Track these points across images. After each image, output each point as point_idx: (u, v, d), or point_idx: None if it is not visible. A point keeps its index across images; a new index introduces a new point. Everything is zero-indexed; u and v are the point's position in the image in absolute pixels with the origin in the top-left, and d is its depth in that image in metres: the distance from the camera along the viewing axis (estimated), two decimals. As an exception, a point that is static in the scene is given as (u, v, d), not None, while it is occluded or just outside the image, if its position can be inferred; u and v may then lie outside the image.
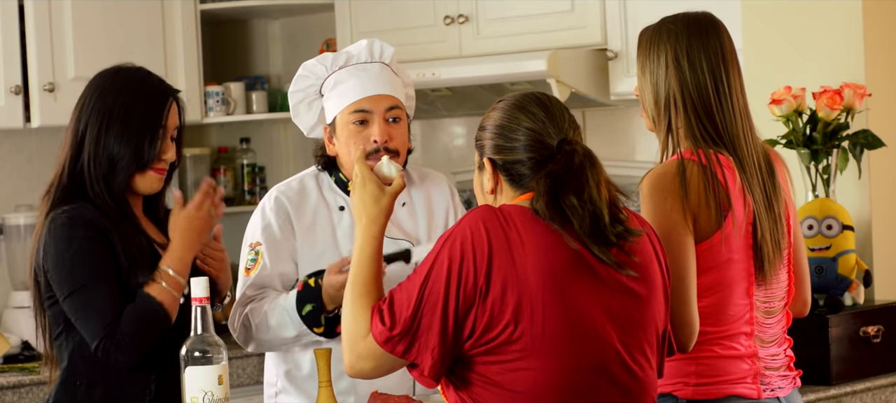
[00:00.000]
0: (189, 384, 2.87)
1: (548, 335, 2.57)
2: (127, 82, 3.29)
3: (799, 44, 4.27)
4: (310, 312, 3.38)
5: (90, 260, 3.20)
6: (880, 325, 4.04)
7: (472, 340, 2.58)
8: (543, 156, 2.67)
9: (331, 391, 3.18)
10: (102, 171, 3.25)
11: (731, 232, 2.97)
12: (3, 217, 5.20)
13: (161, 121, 3.28)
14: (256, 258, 3.49)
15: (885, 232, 4.27)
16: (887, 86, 4.27)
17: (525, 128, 2.69)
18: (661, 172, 2.99)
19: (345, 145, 3.48)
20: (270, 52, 6.05)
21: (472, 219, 2.60)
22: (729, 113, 3.03)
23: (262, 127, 6.01)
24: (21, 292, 5.12)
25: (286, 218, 3.51)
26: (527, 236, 2.59)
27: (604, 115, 5.08)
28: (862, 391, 3.96)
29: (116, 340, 3.17)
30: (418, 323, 2.59)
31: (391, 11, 5.17)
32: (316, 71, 3.52)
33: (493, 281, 2.56)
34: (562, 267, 2.59)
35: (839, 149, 4.11)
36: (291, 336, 3.42)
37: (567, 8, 4.74)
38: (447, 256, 2.58)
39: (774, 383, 3.06)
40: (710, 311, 2.99)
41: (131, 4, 5.21)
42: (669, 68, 3.04)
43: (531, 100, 2.73)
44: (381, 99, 3.47)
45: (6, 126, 5.03)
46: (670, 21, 3.08)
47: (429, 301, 2.58)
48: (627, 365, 2.64)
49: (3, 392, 4.62)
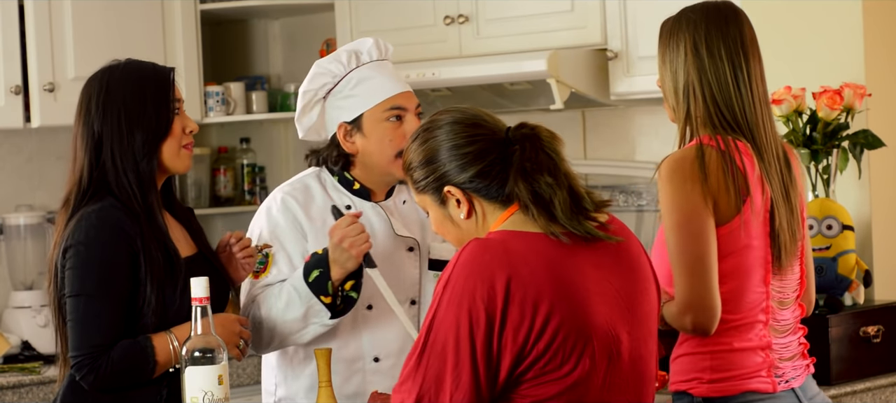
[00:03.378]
0: (189, 384, 2.87)
1: (569, 344, 2.50)
2: (126, 73, 3.29)
3: (799, 44, 4.27)
4: (317, 278, 3.34)
5: (105, 270, 3.17)
6: (880, 325, 4.04)
7: (509, 375, 2.50)
8: (501, 152, 2.58)
9: (331, 391, 3.18)
10: (131, 162, 3.23)
11: (749, 217, 2.98)
12: (3, 217, 5.20)
13: (170, 96, 3.28)
14: (266, 262, 3.45)
15: (885, 232, 4.27)
16: (887, 86, 4.27)
17: (450, 142, 2.60)
18: (680, 157, 3.00)
19: (378, 141, 3.46)
20: (270, 52, 6.05)
21: (473, 269, 2.49)
22: (748, 101, 3.04)
23: (262, 127, 6.01)
24: (21, 292, 5.12)
25: (295, 219, 3.47)
26: (527, 252, 2.52)
27: (604, 115, 5.08)
28: (862, 391, 3.96)
29: (96, 365, 3.14)
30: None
31: (391, 11, 5.17)
32: (332, 69, 3.49)
33: (523, 320, 2.47)
34: (564, 269, 2.53)
35: (839, 149, 4.11)
36: (299, 315, 3.36)
37: (567, 8, 4.74)
38: (458, 321, 2.47)
39: (788, 373, 3.07)
40: (729, 297, 3.00)
41: (131, 4, 5.21)
42: (688, 56, 3.05)
43: (438, 116, 2.64)
44: (411, 96, 3.50)
45: (6, 126, 5.03)
46: (690, 10, 3.10)
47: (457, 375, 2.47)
48: (635, 360, 2.61)
49: (3, 392, 4.62)
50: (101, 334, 3.15)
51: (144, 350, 3.15)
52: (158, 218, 3.24)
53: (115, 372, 3.15)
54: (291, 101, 5.68)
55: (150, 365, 3.16)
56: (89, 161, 3.25)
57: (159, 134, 3.25)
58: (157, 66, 3.32)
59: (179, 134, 3.28)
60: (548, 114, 4.94)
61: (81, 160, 3.26)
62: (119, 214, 3.19)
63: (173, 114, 3.27)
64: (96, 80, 3.29)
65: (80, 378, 3.17)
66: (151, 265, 3.18)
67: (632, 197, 5.01)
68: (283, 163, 5.99)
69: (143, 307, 3.18)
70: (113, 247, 3.17)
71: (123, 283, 3.17)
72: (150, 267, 3.18)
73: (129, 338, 3.17)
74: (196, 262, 3.31)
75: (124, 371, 3.16)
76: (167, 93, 3.27)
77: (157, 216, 3.24)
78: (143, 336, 3.18)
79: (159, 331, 3.18)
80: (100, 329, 3.16)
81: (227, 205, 5.77)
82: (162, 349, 3.17)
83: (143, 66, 3.32)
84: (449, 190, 2.62)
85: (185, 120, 3.30)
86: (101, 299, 3.16)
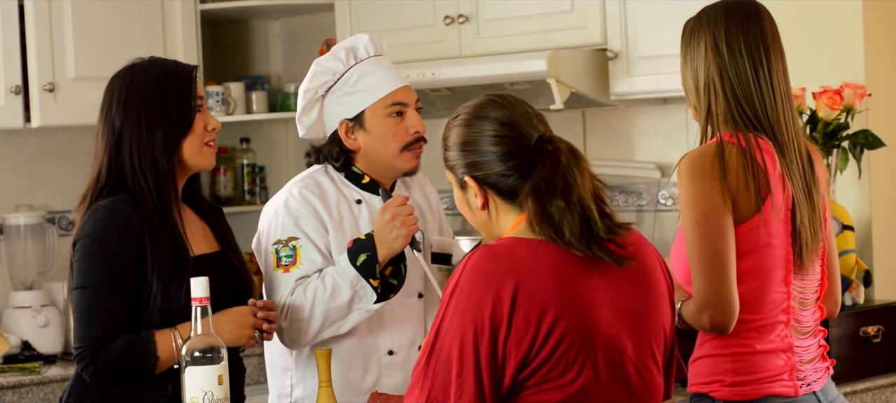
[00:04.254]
0: (189, 384, 2.87)
1: (573, 351, 2.50)
2: (149, 71, 3.30)
3: (799, 44, 4.27)
4: (364, 261, 3.35)
5: (110, 263, 3.18)
6: (880, 325, 4.04)
7: (512, 381, 2.51)
8: (524, 160, 2.58)
9: (331, 391, 3.18)
10: (150, 159, 3.24)
11: (770, 215, 2.97)
12: (3, 217, 5.20)
13: (192, 93, 3.28)
14: (294, 253, 3.43)
15: (885, 232, 4.27)
16: (887, 86, 4.27)
17: (491, 137, 2.60)
18: (700, 154, 2.99)
19: (382, 137, 3.48)
20: (270, 52, 6.05)
21: (480, 277, 2.49)
22: (769, 97, 3.03)
23: (262, 127, 6.01)
24: (21, 292, 5.12)
25: (315, 212, 3.47)
26: (536, 260, 2.51)
27: (604, 115, 5.08)
28: (862, 391, 3.96)
29: (96, 357, 3.15)
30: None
31: (391, 11, 5.17)
32: (332, 66, 3.51)
33: (527, 328, 2.47)
34: (572, 279, 2.52)
35: (839, 149, 4.11)
36: (346, 301, 3.36)
37: (567, 8, 4.74)
38: (463, 330, 2.48)
39: (809, 376, 3.06)
40: (750, 297, 2.99)
41: (131, 4, 5.21)
42: (708, 53, 3.04)
43: (489, 104, 2.64)
44: (410, 91, 3.53)
45: (6, 126, 5.03)
46: (711, 8, 3.09)
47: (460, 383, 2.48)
48: (639, 371, 2.60)
49: (3, 392, 4.62)
50: (104, 326, 3.16)
51: (146, 345, 3.16)
52: (173, 215, 3.25)
53: (113, 366, 3.16)
54: (291, 101, 5.68)
55: (151, 361, 3.16)
56: (109, 157, 3.26)
57: (180, 131, 3.26)
58: (179, 64, 3.34)
59: (201, 131, 3.30)
60: (548, 115, 4.92)
61: (101, 156, 3.28)
62: (128, 209, 3.20)
63: (195, 111, 3.28)
64: (119, 78, 3.31)
65: (80, 369, 3.19)
66: (158, 261, 3.19)
67: (632, 197, 5.01)
68: (283, 163, 5.99)
69: (147, 302, 3.19)
70: (119, 242, 3.18)
71: (129, 278, 3.18)
72: (157, 263, 3.18)
73: (132, 333, 3.18)
74: (216, 260, 3.33)
75: (124, 366, 3.16)
76: (189, 90, 3.28)
77: (172, 213, 3.25)
78: (145, 331, 3.18)
79: (164, 328, 3.19)
80: (102, 321, 3.16)
81: (228, 205, 5.76)
82: (164, 345, 3.17)
83: (165, 64, 3.34)
84: (468, 179, 2.63)
85: (207, 117, 3.32)
86: (105, 292, 3.17)
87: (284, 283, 3.42)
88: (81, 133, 5.36)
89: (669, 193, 4.90)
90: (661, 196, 4.92)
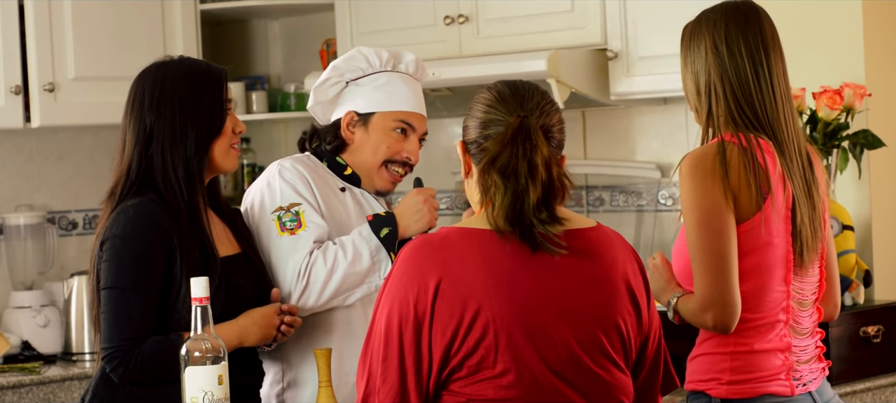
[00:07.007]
0: (189, 384, 2.87)
1: (501, 342, 2.55)
2: (182, 69, 3.32)
3: (799, 44, 4.27)
4: (387, 235, 3.43)
5: (140, 264, 3.18)
6: (880, 325, 4.04)
7: (440, 371, 2.58)
8: (497, 133, 2.64)
9: (331, 391, 3.18)
10: (181, 158, 3.24)
11: (770, 214, 2.99)
12: (3, 217, 5.21)
13: (224, 95, 3.31)
14: (298, 217, 3.46)
15: (885, 232, 4.27)
16: (887, 86, 4.27)
17: (483, 105, 2.68)
18: (701, 153, 3.01)
19: (375, 143, 3.54)
20: (270, 52, 6.05)
21: (407, 268, 2.59)
22: (769, 98, 3.04)
23: (262, 127, 6.01)
24: (21, 292, 5.12)
25: (308, 183, 3.51)
26: (467, 250, 2.58)
27: (604, 115, 5.08)
28: (862, 391, 3.96)
29: (127, 358, 3.16)
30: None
31: (391, 11, 5.17)
32: (370, 59, 3.57)
33: (450, 315, 2.55)
34: (504, 270, 2.57)
35: (839, 149, 4.11)
36: (365, 269, 3.41)
37: (567, 8, 4.74)
38: (389, 318, 2.58)
39: (805, 376, 3.07)
40: (750, 296, 3.00)
41: (131, 4, 5.21)
42: (708, 55, 3.05)
43: (504, 83, 2.71)
44: (423, 120, 3.61)
45: (6, 126, 5.03)
46: (710, 10, 3.11)
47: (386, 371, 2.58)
48: (586, 367, 2.62)
49: (3, 392, 4.62)
50: (134, 327, 3.17)
51: (176, 346, 3.15)
52: (201, 216, 3.27)
53: (144, 367, 3.17)
54: (291, 101, 5.68)
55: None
56: (138, 154, 3.27)
57: (212, 132, 3.28)
58: (211, 66, 3.36)
59: (230, 133, 3.33)
60: (548, 114, 4.94)
61: (130, 153, 3.28)
62: (157, 209, 3.21)
63: (226, 113, 3.29)
64: (150, 75, 3.31)
65: (110, 370, 3.19)
66: (187, 262, 3.19)
67: (632, 197, 5.01)
68: (283, 163, 5.99)
69: (176, 303, 3.20)
70: (149, 242, 3.19)
71: (158, 278, 3.19)
72: (186, 264, 3.19)
73: (161, 334, 3.18)
74: (238, 262, 3.34)
75: (154, 367, 3.17)
76: (222, 92, 3.31)
77: (200, 214, 3.26)
78: (175, 333, 3.19)
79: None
80: (132, 322, 3.17)
81: (227, 205, 5.77)
82: None
83: (198, 65, 3.36)
84: (458, 144, 2.73)
85: (234, 120, 3.35)
86: (134, 293, 3.17)
87: (292, 246, 3.43)
88: (81, 133, 5.36)
89: (669, 193, 4.90)
90: (661, 196, 4.92)
